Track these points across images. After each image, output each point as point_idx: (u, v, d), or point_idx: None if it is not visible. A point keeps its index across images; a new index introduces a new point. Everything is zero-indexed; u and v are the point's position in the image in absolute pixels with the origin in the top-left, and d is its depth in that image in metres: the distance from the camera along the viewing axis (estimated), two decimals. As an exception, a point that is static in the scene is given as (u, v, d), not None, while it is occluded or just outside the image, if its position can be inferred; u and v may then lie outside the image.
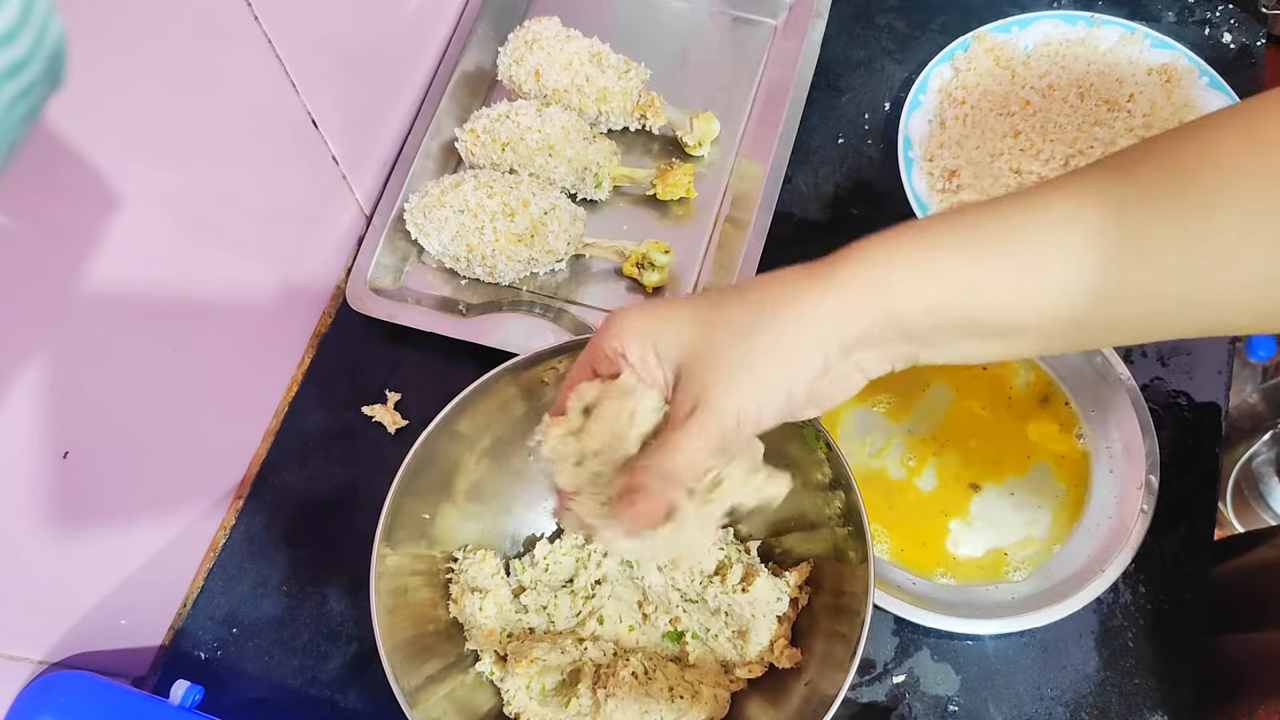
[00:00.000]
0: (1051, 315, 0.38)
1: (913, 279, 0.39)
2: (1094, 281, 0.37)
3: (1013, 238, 0.38)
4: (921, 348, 0.41)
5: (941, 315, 0.39)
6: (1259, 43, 0.81)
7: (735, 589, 0.60)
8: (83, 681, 0.58)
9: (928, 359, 0.41)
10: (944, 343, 0.40)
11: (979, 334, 0.40)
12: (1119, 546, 0.60)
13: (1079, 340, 0.40)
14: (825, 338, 0.39)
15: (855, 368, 0.41)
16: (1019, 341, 0.40)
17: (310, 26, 0.63)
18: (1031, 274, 0.38)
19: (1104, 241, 0.37)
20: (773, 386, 0.40)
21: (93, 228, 0.51)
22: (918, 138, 0.75)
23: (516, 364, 0.57)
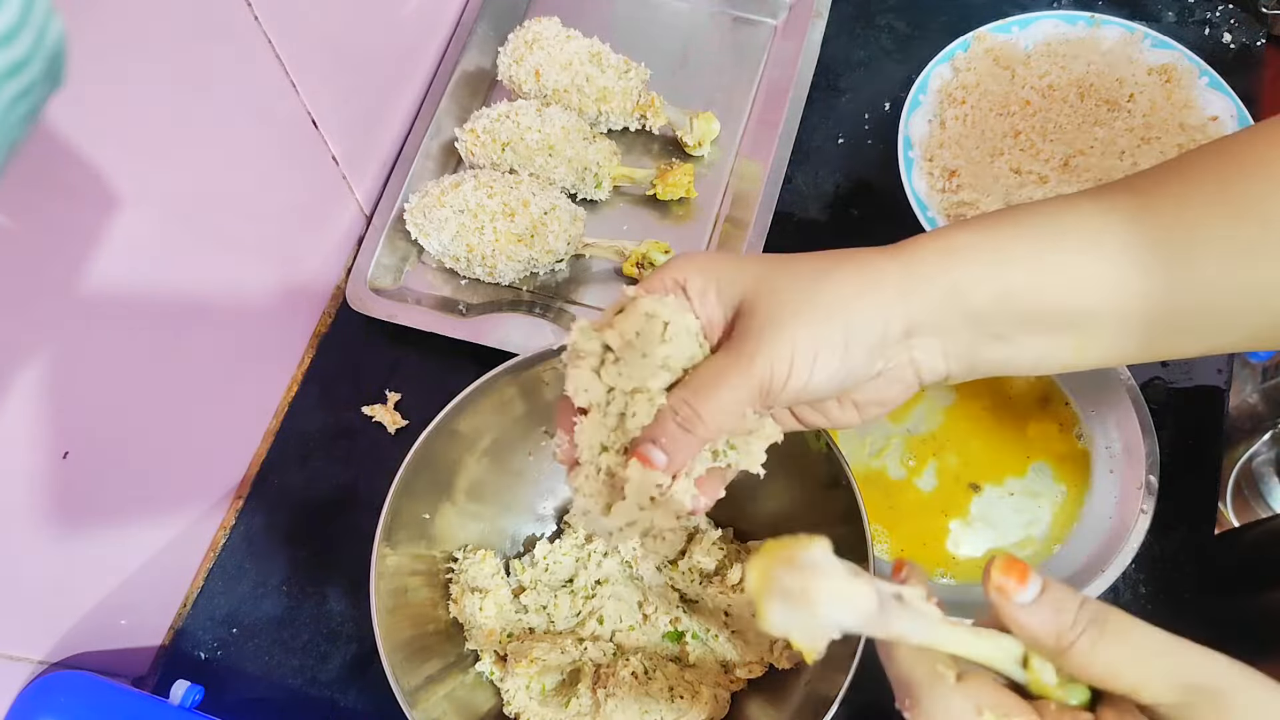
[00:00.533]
0: (1120, 307, 0.38)
1: (981, 260, 0.38)
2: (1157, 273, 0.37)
3: (1081, 228, 0.38)
4: (987, 339, 0.39)
5: (1009, 300, 0.38)
6: (1259, 43, 0.81)
7: (734, 589, 0.60)
8: (83, 681, 0.58)
9: (990, 358, 0.39)
10: (1011, 333, 0.38)
11: (1046, 326, 0.38)
12: (1119, 546, 0.60)
13: (1148, 342, 0.39)
14: (888, 304, 0.38)
15: (910, 362, 0.39)
16: (1088, 339, 0.39)
17: (310, 26, 0.63)
18: (1101, 263, 0.38)
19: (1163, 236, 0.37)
20: (831, 337, 0.37)
21: (93, 228, 0.51)
22: (918, 138, 0.75)
23: (516, 364, 0.57)
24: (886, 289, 0.38)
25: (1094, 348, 0.39)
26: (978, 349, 0.39)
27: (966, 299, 0.38)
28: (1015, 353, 0.39)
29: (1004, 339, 0.39)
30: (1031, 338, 0.39)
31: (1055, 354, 0.40)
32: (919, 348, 0.39)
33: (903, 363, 0.39)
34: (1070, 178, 0.72)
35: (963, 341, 0.39)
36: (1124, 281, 0.38)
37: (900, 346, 0.39)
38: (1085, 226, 0.38)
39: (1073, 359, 0.40)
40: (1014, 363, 0.40)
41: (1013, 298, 0.38)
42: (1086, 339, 0.39)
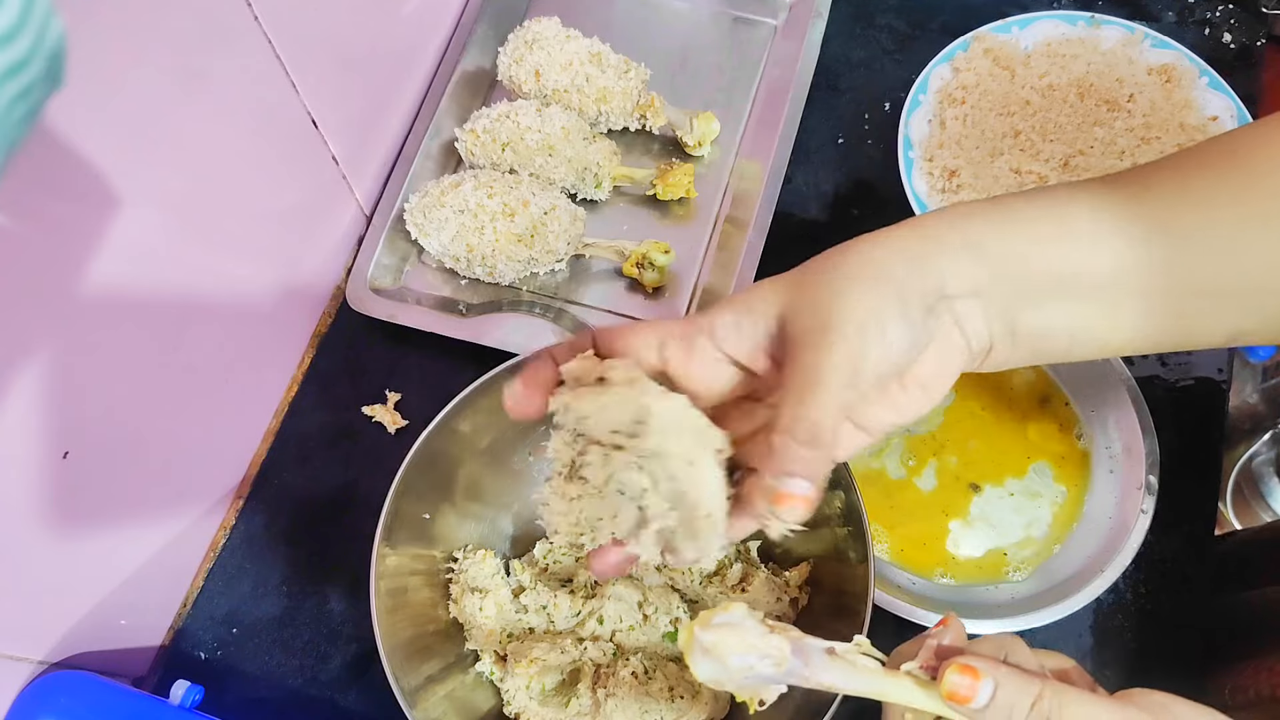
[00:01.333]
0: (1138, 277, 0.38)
1: (991, 221, 0.38)
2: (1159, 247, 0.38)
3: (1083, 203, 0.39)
4: (1019, 301, 0.38)
5: (1027, 261, 0.38)
6: (1259, 43, 0.81)
7: (734, 589, 0.60)
8: (83, 681, 0.58)
9: (1029, 324, 0.39)
10: (1039, 296, 0.38)
11: (1070, 291, 0.38)
12: (1119, 546, 0.60)
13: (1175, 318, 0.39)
14: (918, 263, 0.37)
15: (956, 325, 0.38)
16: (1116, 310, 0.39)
17: (310, 26, 0.63)
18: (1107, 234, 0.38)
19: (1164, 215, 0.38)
20: (887, 299, 0.36)
21: (93, 228, 0.51)
22: (918, 138, 0.75)
23: (516, 364, 0.57)
24: (910, 252, 0.38)
25: (1124, 321, 0.39)
26: (1014, 311, 0.39)
27: (986, 255, 0.38)
28: (1050, 320, 0.39)
29: (1035, 304, 0.39)
30: (1060, 304, 0.39)
31: (1089, 326, 0.39)
32: (960, 304, 0.38)
33: (949, 325, 0.38)
34: (1070, 177, 0.72)
35: (997, 301, 0.38)
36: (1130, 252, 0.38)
37: (944, 302, 0.38)
38: (1086, 203, 0.39)
39: (1107, 334, 0.40)
40: (1051, 333, 0.39)
41: (1031, 258, 0.38)
42: (1115, 310, 0.39)
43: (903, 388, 0.39)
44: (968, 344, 0.39)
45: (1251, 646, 0.64)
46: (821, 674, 0.34)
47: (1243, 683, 0.61)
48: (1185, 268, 0.38)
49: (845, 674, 0.34)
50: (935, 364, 0.39)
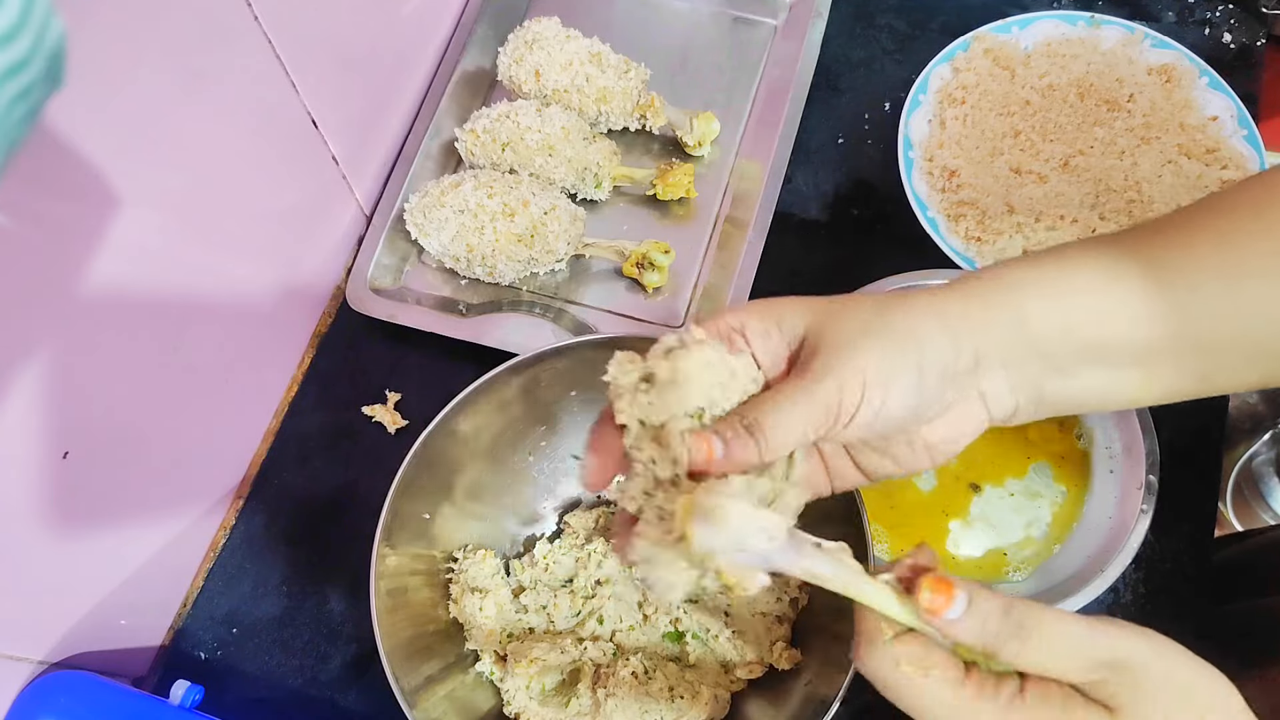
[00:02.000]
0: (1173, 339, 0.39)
1: (1044, 294, 0.39)
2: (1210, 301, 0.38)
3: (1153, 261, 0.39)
4: (1051, 372, 0.39)
5: (1073, 332, 0.39)
6: (1259, 43, 0.81)
7: (735, 589, 0.60)
8: (83, 681, 0.58)
9: (1056, 392, 0.40)
10: (1074, 366, 0.39)
11: (1109, 359, 0.39)
12: (1119, 546, 0.60)
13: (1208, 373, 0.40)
14: (957, 332, 0.38)
15: (979, 396, 0.39)
16: (1151, 372, 0.40)
17: (310, 26, 0.63)
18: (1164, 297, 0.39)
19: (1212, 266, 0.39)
20: (905, 361, 0.37)
21: (93, 228, 0.51)
22: (918, 138, 0.75)
23: (516, 364, 0.57)
24: (952, 317, 0.38)
25: (1156, 380, 0.40)
26: (1043, 382, 0.40)
27: (1031, 329, 0.39)
28: (1081, 386, 0.40)
29: (1067, 373, 0.39)
30: (1095, 370, 0.40)
31: (1120, 388, 0.40)
32: (987, 379, 0.39)
33: (972, 396, 0.39)
34: (1070, 177, 0.72)
35: (1029, 374, 0.39)
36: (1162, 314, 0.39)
37: (970, 377, 0.39)
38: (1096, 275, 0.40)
39: (1138, 393, 0.40)
40: (1080, 397, 0.40)
41: (1076, 329, 0.39)
42: (1147, 371, 0.40)
43: (910, 446, 0.40)
44: (988, 414, 0.40)
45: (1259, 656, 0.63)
46: (809, 562, 0.35)
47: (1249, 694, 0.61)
48: (1214, 325, 0.39)
49: (832, 567, 0.35)
50: (947, 430, 0.40)
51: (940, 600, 0.34)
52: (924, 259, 0.68)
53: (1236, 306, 0.38)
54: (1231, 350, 0.39)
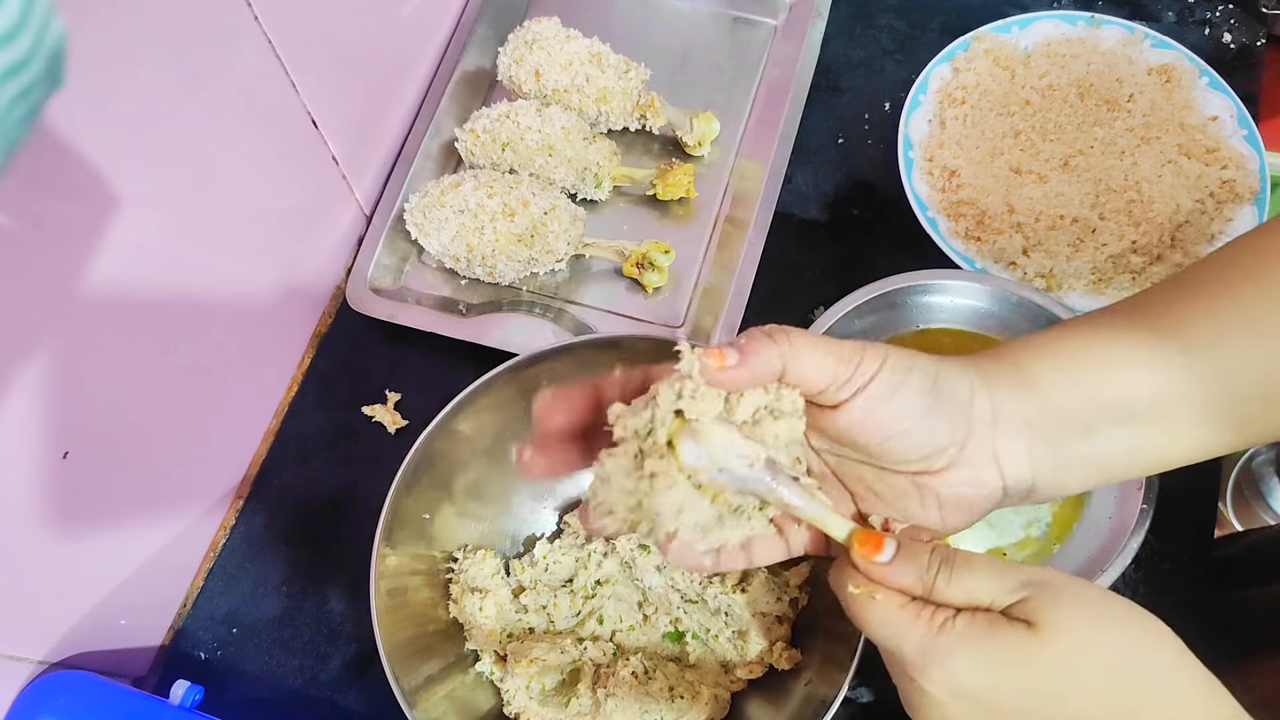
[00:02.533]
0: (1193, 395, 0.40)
1: (1057, 366, 0.40)
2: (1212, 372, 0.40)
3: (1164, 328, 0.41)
4: (1073, 432, 0.40)
5: (1092, 394, 0.40)
6: (1259, 43, 0.81)
7: (734, 589, 0.60)
8: (83, 681, 0.58)
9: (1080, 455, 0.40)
10: (1097, 423, 0.40)
11: (1131, 415, 0.40)
12: (1119, 546, 0.60)
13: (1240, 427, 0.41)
14: (974, 386, 0.39)
15: (994, 457, 0.40)
16: (1175, 427, 0.40)
17: (310, 26, 0.63)
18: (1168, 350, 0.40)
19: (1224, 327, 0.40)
20: (923, 368, 0.38)
21: (93, 228, 0.51)
22: (918, 138, 0.75)
23: (516, 364, 0.57)
24: (967, 373, 0.40)
25: (1182, 436, 0.41)
26: (1065, 444, 0.40)
27: (1048, 394, 0.40)
28: (1105, 447, 0.40)
29: (1091, 431, 0.40)
30: (1117, 430, 0.40)
31: (1147, 446, 0.41)
32: (1004, 440, 0.40)
33: (986, 452, 0.40)
34: (1070, 177, 0.72)
35: (1048, 439, 0.40)
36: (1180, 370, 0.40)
37: (987, 429, 0.39)
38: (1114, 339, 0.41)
39: (1166, 452, 0.41)
40: (1106, 460, 0.41)
41: (1090, 394, 0.40)
42: (1172, 427, 0.40)
43: (920, 501, 0.40)
44: (1003, 483, 0.40)
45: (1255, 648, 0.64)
46: (784, 491, 0.38)
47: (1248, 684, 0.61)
48: (1225, 384, 0.40)
49: (802, 499, 0.38)
50: (961, 489, 0.40)
51: (869, 549, 0.38)
52: (924, 259, 0.68)
53: (1252, 361, 0.40)
54: (1255, 403, 0.40)
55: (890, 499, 0.41)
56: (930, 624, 0.37)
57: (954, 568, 0.37)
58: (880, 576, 0.38)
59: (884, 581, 0.38)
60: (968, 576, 0.37)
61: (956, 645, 0.36)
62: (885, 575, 0.38)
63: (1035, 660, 0.35)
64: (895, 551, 0.38)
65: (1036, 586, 0.36)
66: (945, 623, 0.37)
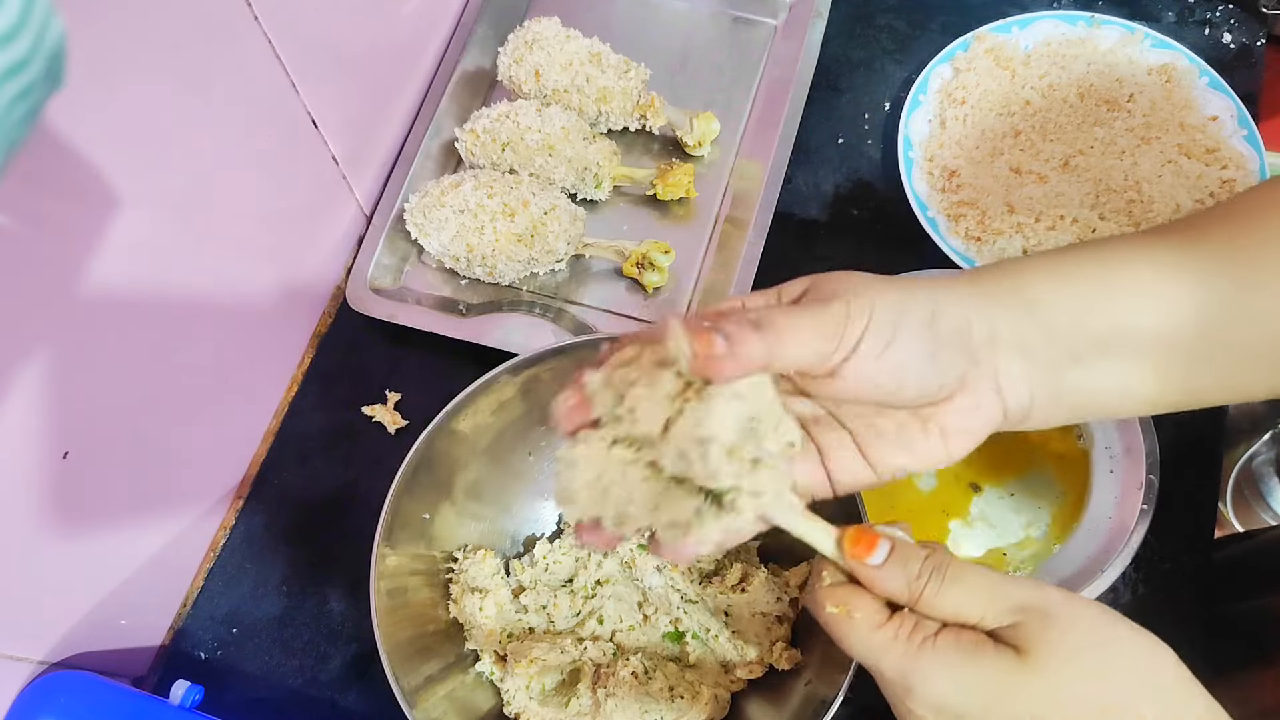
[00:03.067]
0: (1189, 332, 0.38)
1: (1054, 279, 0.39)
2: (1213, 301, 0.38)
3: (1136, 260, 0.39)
4: (1067, 361, 0.39)
5: (1085, 318, 0.38)
6: (1259, 43, 0.81)
7: (734, 589, 0.60)
8: (83, 681, 0.58)
9: (1074, 386, 0.39)
10: (1089, 355, 0.39)
11: (1124, 349, 0.39)
12: (1119, 546, 0.60)
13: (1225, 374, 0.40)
14: (971, 306, 0.38)
15: (993, 379, 0.38)
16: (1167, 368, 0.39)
17: (310, 26, 0.63)
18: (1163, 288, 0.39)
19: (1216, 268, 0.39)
20: (917, 308, 0.36)
21: (93, 228, 0.51)
22: (918, 138, 0.75)
23: (516, 364, 0.57)
24: (964, 295, 0.38)
25: (1174, 378, 0.40)
26: (1060, 373, 0.39)
27: (1044, 312, 0.38)
28: (1097, 380, 0.39)
29: (1083, 362, 0.39)
30: (1110, 363, 0.39)
31: (1138, 385, 0.40)
32: (1003, 361, 0.38)
33: (987, 378, 0.38)
34: (1070, 177, 0.72)
35: (1044, 362, 0.39)
36: (1184, 305, 0.39)
37: (987, 351, 0.38)
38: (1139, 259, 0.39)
39: (1155, 393, 0.40)
40: (1097, 395, 0.40)
41: (1089, 316, 0.38)
42: (1167, 368, 0.39)
43: (924, 432, 0.39)
44: (1004, 406, 0.39)
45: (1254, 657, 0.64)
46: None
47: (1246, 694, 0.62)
48: (1235, 323, 0.39)
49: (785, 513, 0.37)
50: (964, 416, 0.39)
51: (860, 549, 0.37)
52: (924, 259, 0.68)
53: (1260, 308, 0.38)
54: (1253, 353, 0.39)
55: (893, 435, 0.39)
56: (909, 643, 0.36)
57: (945, 579, 0.36)
58: (867, 579, 0.37)
59: (870, 585, 0.37)
60: (958, 590, 0.36)
61: (938, 667, 0.35)
62: (872, 579, 0.37)
63: (1021, 690, 0.35)
64: (888, 554, 0.37)
65: (1030, 612, 0.35)
66: (925, 641, 0.36)
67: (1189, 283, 0.39)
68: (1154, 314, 0.39)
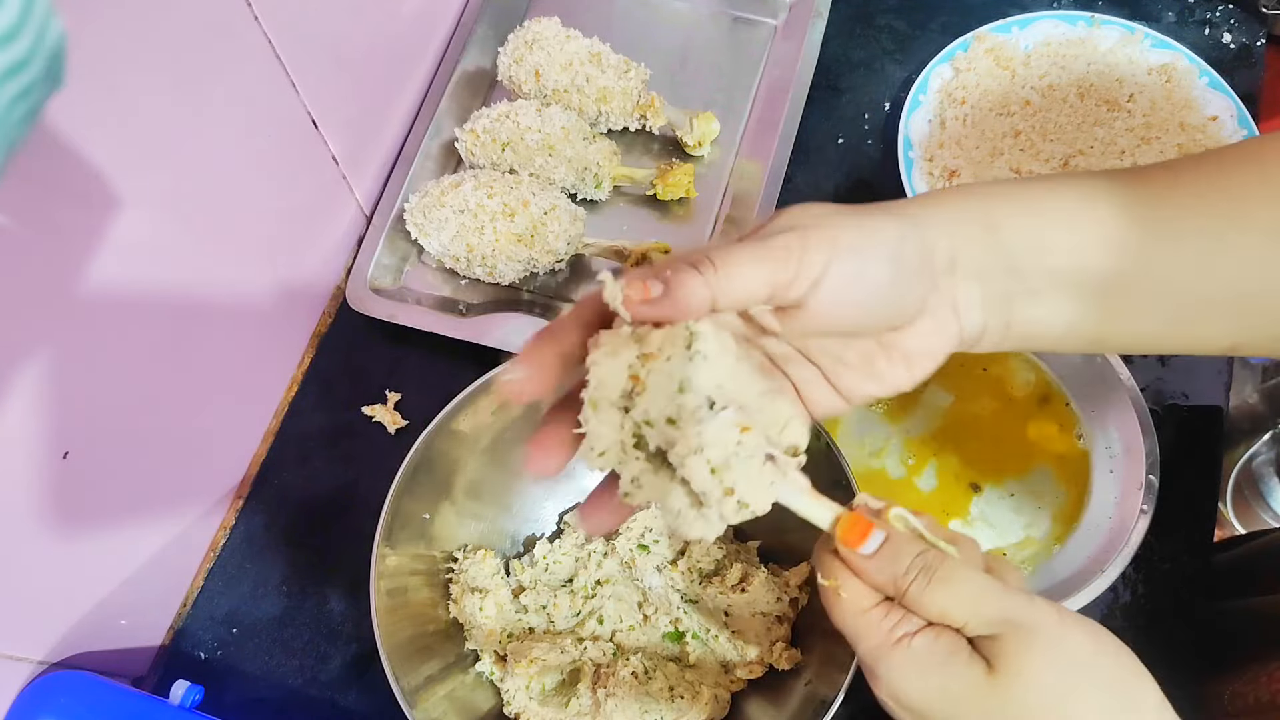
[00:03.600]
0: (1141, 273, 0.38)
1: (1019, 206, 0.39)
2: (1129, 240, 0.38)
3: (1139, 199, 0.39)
4: (1022, 293, 0.39)
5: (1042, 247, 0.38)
6: (1259, 43, 0.81)
7: (734, 589, 0.60)
8: (83, 681, 0.58)
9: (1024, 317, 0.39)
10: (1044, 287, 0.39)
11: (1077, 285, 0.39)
12: (1119, 546, 0.60)
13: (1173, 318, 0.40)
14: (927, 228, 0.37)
15: (953, 305, 0.38)
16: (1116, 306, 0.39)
17: (310, 26, 0.63)
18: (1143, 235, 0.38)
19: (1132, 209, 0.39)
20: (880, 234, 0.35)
21: (93, 228, 0.51)
22: (918, 138, 0.75)
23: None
24: (925, 221, 0.37)
25: (1121, 321, 0.40)
26: (1013, 303, 0.39)
27: (1002, 237, 0.38)
28: (1048, 314, 0.39)
29: (1037, 295, 0.39)
30: (1063, 297, 0.39)
31: (1084, 323, 0.40)
32: (961, 286, 0.38)
33: (946, 303, 0.38)
34: (1070, 178, 0.72)
35: (999, 290, 0.39)
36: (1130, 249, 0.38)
37: (947, 278, 0.38)
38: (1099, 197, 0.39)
39: (1102, 331, 0.40)
40: (1044, 326, 0.40)
41: (1044, 249, 0.38)
42: (1113, 309, 0.39)
43: (888, 358, 0.39)
44: (960, 329, 0.39)
45: (1252, 653, 0.64)
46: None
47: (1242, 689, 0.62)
48: (1178, 270, 0.39)
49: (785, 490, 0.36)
50: (925, 339, 0.39)
51: (853, 537, 0.37)
52: (924, 259, 0.68)
53: (1219, 258, 0.38)
54: (1205, 302, 0.39)
55: (858, 364, 0.39)
56: (889, 634, 0.36)
57: (932, 579, 0.36)
58: (856, 567, 0.37)
59: (858, 573, 0.37)
60: (944, 593, 0.36)
61: (907, 665, 0.36)
62: (860, 568, 0.37)
63: (983, 704, 0.35)
64: (881, 544, 0.36)
65: (1013, 627, 0.35)
66: (904, 638, 0.36)
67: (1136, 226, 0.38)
68: (1101, 253, 0.38)
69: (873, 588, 0.37)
